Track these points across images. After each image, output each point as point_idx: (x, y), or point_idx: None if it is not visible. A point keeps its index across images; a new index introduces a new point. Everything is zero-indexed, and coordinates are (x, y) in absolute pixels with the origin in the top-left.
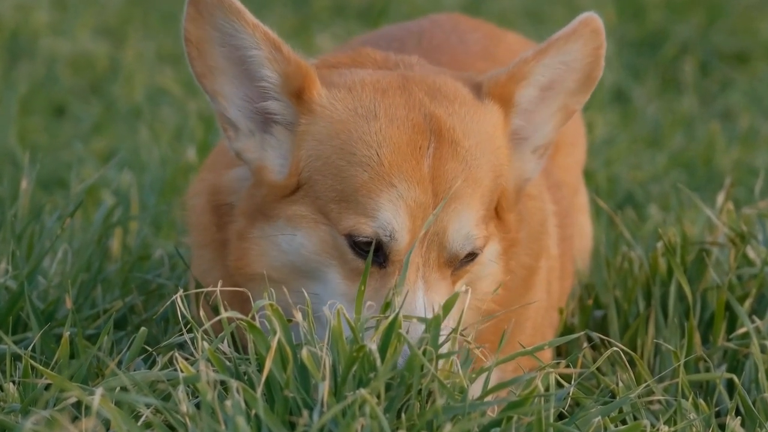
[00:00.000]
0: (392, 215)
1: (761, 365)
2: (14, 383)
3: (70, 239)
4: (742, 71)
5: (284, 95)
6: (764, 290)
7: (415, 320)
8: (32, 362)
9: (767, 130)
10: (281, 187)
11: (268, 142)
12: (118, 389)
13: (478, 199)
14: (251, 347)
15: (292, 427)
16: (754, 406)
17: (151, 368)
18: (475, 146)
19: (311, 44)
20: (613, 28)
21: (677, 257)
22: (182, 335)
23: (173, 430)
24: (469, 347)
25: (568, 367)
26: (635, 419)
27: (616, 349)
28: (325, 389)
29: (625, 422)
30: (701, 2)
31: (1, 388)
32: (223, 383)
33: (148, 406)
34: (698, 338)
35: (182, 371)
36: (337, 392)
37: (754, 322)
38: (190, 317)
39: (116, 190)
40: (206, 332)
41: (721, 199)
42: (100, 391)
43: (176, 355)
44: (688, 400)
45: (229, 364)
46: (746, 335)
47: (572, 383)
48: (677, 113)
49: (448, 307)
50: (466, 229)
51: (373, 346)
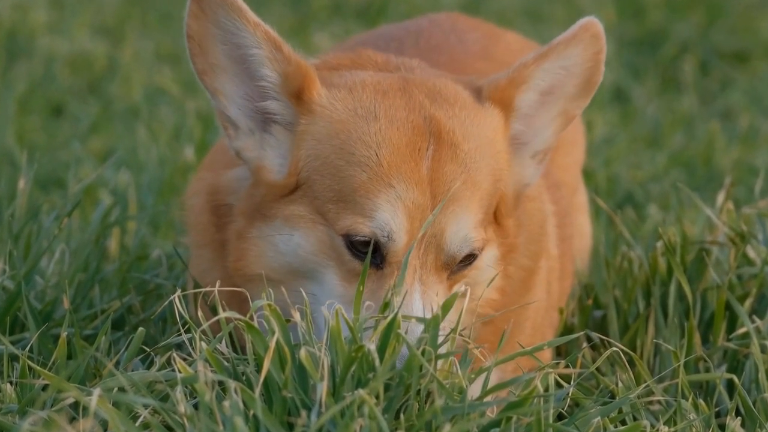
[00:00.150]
0: (390, 216)
1: (761, 365)
2: (11, 384)
3: (67, 239)
4: (742, 70)
5: (284, 95)
6: (764, 290)
7: (413, 320)
8: (29, 363)
9: (767, 129)
10: (280, 186)
11: (267, 141)
12: (115, 390)
13: (476, 202)
14: (249, 347)
15: (290, 427)
16: (754, 406)
17: (149, 369)
18: (474, 149)
19: (309, 43)
20: (612, 27)
21: (677, 257)
22: (180, 335)
23: (171, 430)
24: (468, 347)
25: (567, 367)
26: (635, 420)
27: (615, 349)
28: (323, 389)
29: (624, 423)
30: (701, 1)
31: None
32: (221, 384)
33: (146, 406)
34: (698, 338)
35: (180, 372)
36: (335, 393)
37: (754, 322)
38: (188, 317)
39: (114, 189)
40: (204, 332)
41: (721, 198)
42: (97, 391)
43: (174, 355)
44: (688, 400)
45: (227, 364)
46: (746, 335)
47: (572, 383)
48: (677, 113)
49: (447, 307)
50: (464, 231)
51: (371, 346)
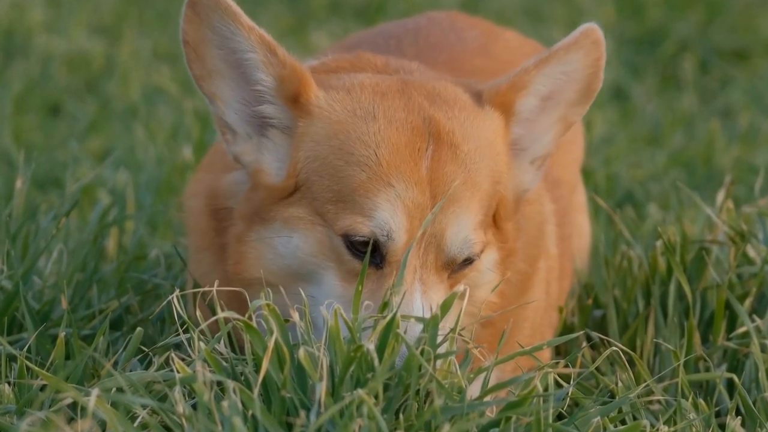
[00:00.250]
0: (389, 215)
1: (761, 365)
2: (9, 384)
3: (65, 239)
4: (741, 69)
5: (280, 99)
6: (764, 289)
7: (412, 320)
8: (27, 363)
9: (767, 128)
10: (278, 189)
11: (265, 145)
12: (114, 390)
13: (476, 203)
14: (248, 347)
15: (289, 427)
16: (754, 405)
17: (147, 369)
18: (474, 150)
19: (308, 42)
20: (612, 25)
21: (677, 256)
22: (179, 336)
23: (170, 431)
24: (467, 348)
25: (567, 366)
26: (635, 419)
27: (615, 348)
28: (322, 390)
29: (624, 422)
30: None
31: None
32: (219, 384)
33: (144, 407)
34: (698, 338)
35: (179, 372)
36: (334, 393)
37: (754, 321)
38: (186, 317)
39: (112, 189)
40: (203, 332)
41: (720, 197)
42: (96, 392)
43: (172, 355)
44: (687, 399)
45: (225, 364)
46: (746, 334)
47: (571, 383)
48: (677, 111)
49: (446, 306)
50: (464, 232)
51: (370, 346)
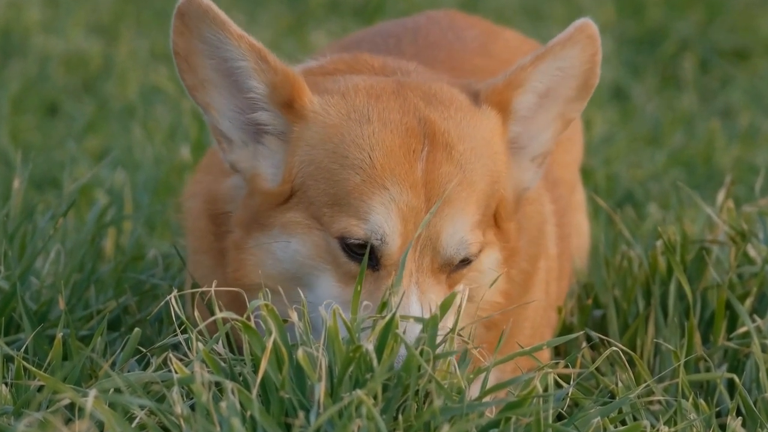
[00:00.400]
0: (383, 218)
1: (762, 365)
2: (6, 385)
3: (62, 239)
4: (742, 68)
5: (273, 105)
6: (765, 289)
7: (412, 320)
8: (25, 363)
9: (767, 127)
10: (275, 195)
11: (260, 152)
12: (111, 391)
13: (473, 203)
14: (246, 348)
15: (287, 428)
16: (755, 406)
17: (145, 369)
18: (470, 151)
19: (306, 42)
20: (612, 25)
21: (677, 256)
22: (177, 336)
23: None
24: (466, 347)
25: (567, 367)
26: (635, 420)
27: (615, 348)
28: (321, 390)
29: (624, 423)
30: None
31: None
32: (218, 384)
33: (142, 407)
34: (698, 338)
35: (177, 372)
36: (333, 393)
37: (754, 321)
38: (184, 318)
39: (109, 189)
40: (201, 333)
41: (721, 197)
42: (93, 392)
43: (170, 356)
44: (688, 400)
45: (224, 365)
46: (747, 334)
47: (571, 383)
48: (677, 111)
49: (445, 306)
50: (460, 234)
51: (369, 346)
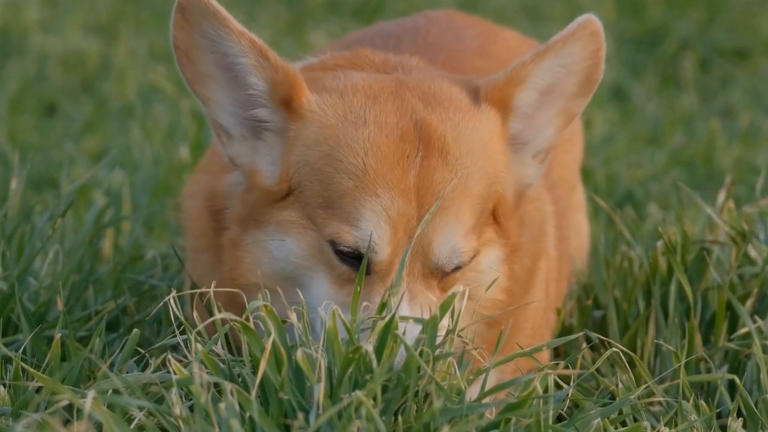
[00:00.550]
0: (374, 226)
1: (763, 366)
2: (5, 386)
3: (61, 240)
4: (742, 68)
5: (272, 103)
6: (766, 290)
7: (411, 321)
8: (23, 365)
9: None
10: (272, 192)
11: (259, 148)
12: (110, 392)
13: (467, 209)
14: (245, 349)
15: (287, 429)
16: (756, 407)
17: (143, 370)
18: (466, 155)
19: (305, 41)
20: (612, 24)
21: (677, 256)
22: (175, 337)
23: None
24: (466, 348)
25: (567, 368)
26: (635, 421)
27: (615, 349)
28: (320, 391)
29: (625, 424)
30: None
31: None
32: (216, 385)
33: (140, 408)
34: (699, 338)
35: (175, 373)
36: (332, 394)
37: (755, 322)
38: (183, 319)
39: (108, 189)
40: (200, 334)
41: (721, 197)
42: (92, 393)
43: (169, 357)
44: (689, 401)
45: (223, 366)
46: (748, 335)
47: (571, 384)
48: (677, 110)
49: (445, 307)
50: (452, 242)
51: (369, 347)
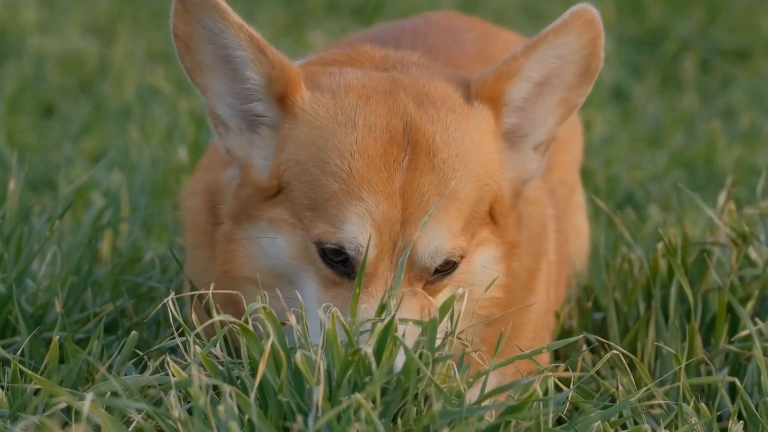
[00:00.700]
0: (358, 229)
1: (764, 368)
2: (3, 388)
3: (59, 241)
4: (743, 68)
5: (268, 98)
6: (767, 292)
7: (410, 323)
8: (21, 367)
9: None
10: (263, 188)
11: (254, 141)
12: (108, 394)
13: (454, 212)
14: (244, 351)
15: None
16: (756, 410)
17: (142, 373)
18: (454, 157)
19: (304, 41)
20: (612, 24)
21: (678, 258)
22: (174, 339)
23: None
24: (465, 350)
25: (567, 370)
26: (636, 424)
27: (615, 352)
28: (319, 394)
29: (625, 427)
30: None
31: None
32: (215, 388)
33: (139, 411)
34: (699, 341)
35: (174, 376)
36: (331, 397)
37: (756, 324)
38: (181, 320)
39: (106, 191)
40: (198, 336)
41: (722, 198)
42: (90, 396)
43: (168, 359)
44: (689, 404)
45: (221, 368)
46: (748, 338)
47: (571, 387)
48: (677, 111)
49: (444, 308)
50: (435, 243)
51: (368, 349)
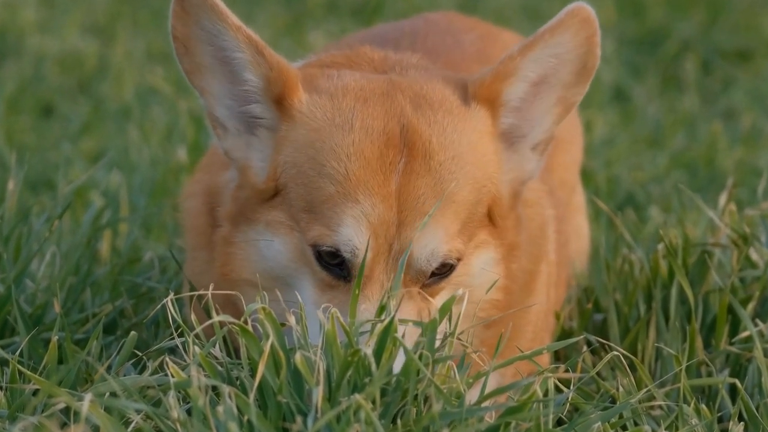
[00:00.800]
0: (354, 232)
1: (764, 369)
2: (1, 389)
3: (58, 242)
4: (744, 69)
5: (266, 100)
6: (767, 293)
7: (410, 324)
8: (20, 367)
9: None
10: (260, 190)
11: (253, 143)
12: (107, 395)
13: (450, 214)
14: (243, 352)
15: None
16: (757, 411)
17: (141, 373)
18: (451, 159)
19: (304, 42)
20: (613, 25)
21: (679, 259)
22: (173, 339)
23: None
24: (465, 351)
25: (567, 371)
26: (636, 425)
27: (616, 353)
28: (319, 394)
29: (625, 428)
30: None
31: None
32: (214, 388)
33: (138, 412)
34: (700, 342)
35: (173, 376)
36: (331, 398)
37: (757, 325)
38: (181, 321)
39: (105, 191)
40: (197, 336)
41: (723, 199)
42: (89, 396)
43: (167, 359)
44: (689, 405)
45: (221, 369)
46: (749, 339)
47: (571, 388)
48: (678, 112)
49: (444, 310)
50: (431, 246)
51: (368, 350)
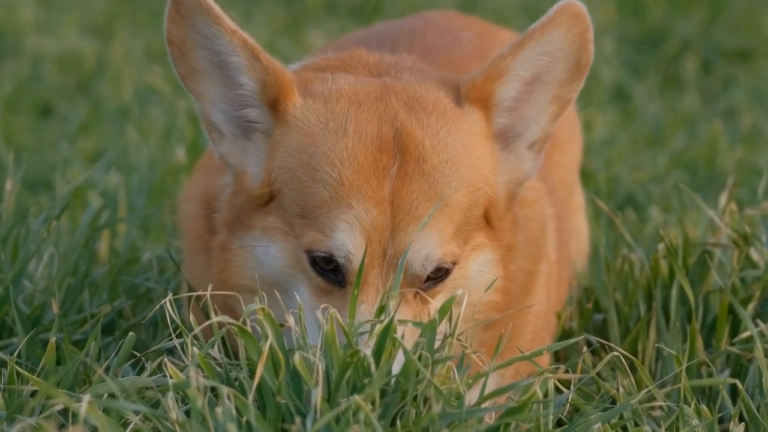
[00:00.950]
0: (348, 236)
1: (765, 370)
2: None
3: (56, 242)
4: (744, 69)
5: (261, 104)
6: None
7: (409, 325)
8: (18, 368)
9: None
10: (255, 196)
11: (248, 148)
12: (105, 396)
13: (444, 218)
14: (242, 352)
15: None
16: (758, 411)
17: (139, 374)
18: (444, 163)
19: (303, 41)
20: (613, 24)
21: (679, 259)
22: (171, 340)
23: None
24: (465, 352)
25: (567, 372)
26: (636, 426)
27: (616, 353)
28: (318, 395)
29: (626, 428)
30: None
31: None
32: (213, 390)
33: (136, 413)
34: (701, 342)
35: (171, 377)
36: (330, 398)
37: (757, 325)
38: (179, 322)
39: (104, 191)
40: (196, 337)
41: (723, 199)
42: (87, 397)
43: (165, 360)
44: (690, 405)
45: (219, 369)
46: (750, 339)
47: (571, 389)
48: (679, 112)
49: (444, 311)
50: (425, 250)
51: (367, 351)
